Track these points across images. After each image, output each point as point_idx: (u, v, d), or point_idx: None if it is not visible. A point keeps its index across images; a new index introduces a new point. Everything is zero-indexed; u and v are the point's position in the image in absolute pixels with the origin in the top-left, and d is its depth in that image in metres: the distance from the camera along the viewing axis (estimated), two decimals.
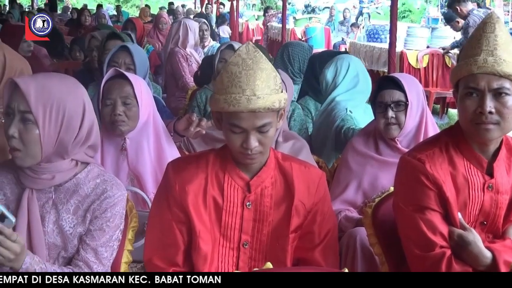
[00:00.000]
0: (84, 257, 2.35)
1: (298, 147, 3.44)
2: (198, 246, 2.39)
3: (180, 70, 6.94)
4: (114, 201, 2.37)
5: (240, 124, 2.24)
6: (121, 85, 3.11)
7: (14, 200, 2.36)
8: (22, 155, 2.24)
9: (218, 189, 2.40)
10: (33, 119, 2.20)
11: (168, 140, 3.23)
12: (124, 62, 4.11)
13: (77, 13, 13.06)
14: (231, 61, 2.25)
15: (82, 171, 2.40)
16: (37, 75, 2.26)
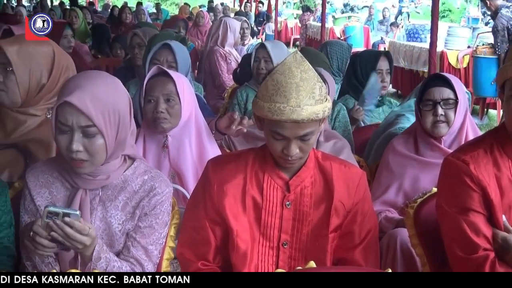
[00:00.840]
0: (135, 255, 2.38)
1: (339, 146, 3.43)
2: (236, 246, 2.39)
3: (217, 68, 6.96)
4: (162, 198, 2.40)
5: (282, 133, 2.24)
6: (164, 83, 3.13)
7: (61, 198, 2.39)
8: (89, 164, 2.27)
9: (257, 189, 2.41)
10: (97, 131, 2.22)
11: (209, 138, 3.25)
12: (166, 60, 4.13)
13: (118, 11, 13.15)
14: (277, 69, 2.24)
15: (129, 167, 2.43)
16: (81, 85, 2.23)
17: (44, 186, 2.41)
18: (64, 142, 2.24)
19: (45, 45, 3.10)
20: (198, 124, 3.22)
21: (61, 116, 2.22)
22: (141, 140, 3.20)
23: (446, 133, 3.27)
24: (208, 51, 7.26)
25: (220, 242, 2.45)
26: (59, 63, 3.05)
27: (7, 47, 2.88)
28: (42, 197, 2.40)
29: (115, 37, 7.91)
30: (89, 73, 2.39)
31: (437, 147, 3.30)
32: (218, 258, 2.47)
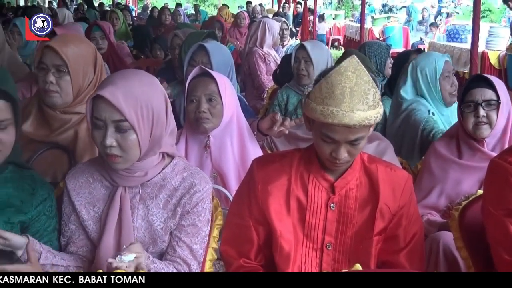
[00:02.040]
0: (181, 255, 2.39)
1: (383, 148, 3.40)
2: (280, 246, 2.39)
3: (256, 69, 6.96)
4: (203, 195, 2.41)
5: (333, 136, 2.23)
6: (206, 83, 3.14)
7: (101, 198, 2.41)
8: (122, 160, 2.28)
9: (302, 190, 2.40)
10: (129, 126, 2.23)
11: (251, 138, 3.25)
12: (202, 61, 4.13)
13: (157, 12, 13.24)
14: (332, 72, 2.21)
15: (168, 165, 2.44)
16: (115, 81, 2.26)
17: (83, 187, 2.43)
18: (98, 137, 2.26)
19: (88, 44, 3.16)
20: (240, 125, 3.23)
21: (96, 111, 2.25)
22: (183, 140, 3.22)
23: (489, 135, 3.23)
24: (247, 52, 7.27)
25: (263, 241, 2.45)
26: (99, 61, 3.10)
27: (61, 49, 2.92)
28: (82, 197, 2.43)
29: (155, 38, 7.96)
30: (126, 71, 2.42)
31: (480, 150, 3.26)
32: (260, 256, 2.48)
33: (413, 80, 4.18)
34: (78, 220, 2.41)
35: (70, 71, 2.94)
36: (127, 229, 2.35)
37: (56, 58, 2.93)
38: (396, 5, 31.12)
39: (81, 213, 2.40)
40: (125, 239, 2.35)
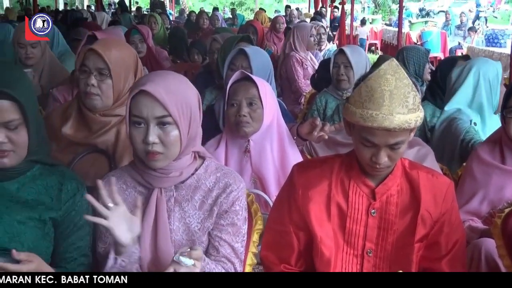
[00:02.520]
0: (225, 254, 2.39)
1: (423, 153, 3.37)
2: (320, 252, 2.38)
3: (293, 74, 6.93)
4: (238, 193, 2.41)
5: (373, 140, 2.22)
6: (247, 87, 3.15)
7: (135, 203, 2.39)
8: (163, 157, 2.28)
9: (342, 196, 2.39)
10: (172, 121, 2.24)
11: (291, 143, 3.25)
12: (242, 65, 4.13)
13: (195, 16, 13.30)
14: (372, 75, 2.22)
15: (200, 166, 2.44)
16: (153, 79, 2.27)
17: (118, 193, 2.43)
18: (139, 135, 2.26)
19: (130, 49, 3.18)
20: (280, 129, 3.23)
21: (135, 109, 2.25)
22: (223, 144, 3.23)
23: None
24: (285, 57, 7.26)
25: (303, 247, 2.45)
26: (140, 67, 3.13)
27: (105, 52, 2.94)
28: None
29: (192, 42, 7.98)
30: (158, 71, 2.44)
31: None
32: (300, 262, 2.48)
33: (474, 87, 4.13)
34: None
35: (112, 75, 2.96)
36: (163, 232, 2.35)
37: (99, 61, 2.95)
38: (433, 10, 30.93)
39: None
40: (163, 242, 2.35)
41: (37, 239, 2.32)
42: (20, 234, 2.29)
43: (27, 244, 2.29)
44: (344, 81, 4.75)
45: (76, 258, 2.40)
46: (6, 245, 2.26)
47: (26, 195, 2.33)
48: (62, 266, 2.38)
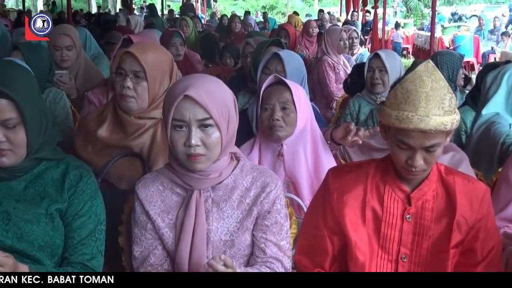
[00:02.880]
0: (271, 254, 2.40)
1: (458, 159, 3.34)
2: (354, 257, 2.37)
3: (325, 78, 6.92)
4: (277, 191, 2.42)
5: (408, 142, 2.21)
6: (280, 91, 3.15)
7: (174, 205, 2.43)
8: (205, 159, 2.30)
9: (377, 200, 2.38)
10: (213, 123, 2.26)
11: (325, 148, 3.24)
12: (276, 69, 4.13)
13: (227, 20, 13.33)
14: (408, 77, 2.21)
15: (236, 167, 2.45)
16: (193, 82, 2.29)
17: (155, 196, 2.44)
18: (181, 139, 2.28)
19: (166, 52, 3.20)
20: (313, 134, 3.22)
21: (177, 113, 2.26)
22: (257, 148, 3.24)
23: None
24: (317, 61, 7.25)
25: (337, 251, 2.44)
26: (175, 70, 3.15)
27: (140, 55, 2.97)
28: (155, 206, 2.43)
29: (224, 46, 7.99)
30: (196, 74, 2.46)
31: None
32: (334, 266, 2.47)
33: (509, 91, 4.10)
34: (154, 229, 2.42)
35: (148, 78, 2.99)
36: (201, 233, 2.37)
37: (135, 64, 2.98)
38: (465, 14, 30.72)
39: (156, 221, 2.41)
40: (199, 242, 2.37)
41: (47, 236, 2.33)
42: (30, 234, 2.31)
43: (37, 242, 2.31)
44: (378, 85, 4.74)
45: (78, 248, 2.39)
46: (17, 245, 2.29)
47: (33, 192, 2.35)
48: (66, 257, 2.39)
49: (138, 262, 2.44)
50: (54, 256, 2.37)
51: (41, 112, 2.33)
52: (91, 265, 2.39)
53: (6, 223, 2.29)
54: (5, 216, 2.30)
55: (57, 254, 2.38)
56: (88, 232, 2.41)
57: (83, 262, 2.38)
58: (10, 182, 2.34)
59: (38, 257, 2.32)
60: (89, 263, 2.39)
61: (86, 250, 2.40)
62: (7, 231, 2.29)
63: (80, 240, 2.39)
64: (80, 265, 2.38)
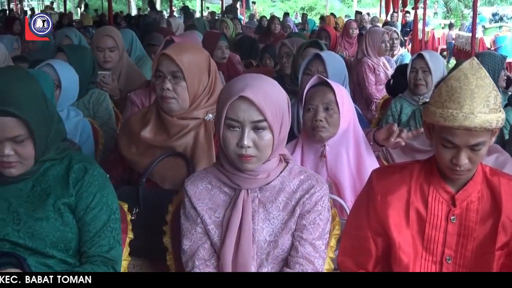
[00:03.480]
0: (304, 253, 2.38)
1: (502, 161, 3.32)
2: (398, 258, 2.36)
3: (364, 80, 6.90)
4: (321, 194, 2.42)
5: (453, 140, 2.19)
6: (324, 92, 3.15)
7: (221, 203, 2.45)
8: (256, 160, 2.32)
9: (422, 202, 2.36)
10: (267, 125, 2.28)
11: (367, 149, 3.23)
12: (317, 70, 4.12)
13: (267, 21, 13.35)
14: (452, 75, 2.20)
15: (284, 169, 2.46)
16: (251, 83, 2.29)
17: (203, 193, 2.47)
18: (233, 138, 2.30)
19: (202, 51, 3.23)
20: (356, 135, 3.21)
21: (232, 113, 2.28)
22: (299, 149, 3.24)
23: None
24: (357, 62, 7.23)
25: (381, 253, 2.43)
26: (213, 67, 3.16)
27: (177, 56, 2.99)
28: (203, 203, 2.46)
29: (264, 47, 8.00)
30: (252, 74, 2.45)
31: None
32: (378, 268, 2.46)
33: None
34: (203, 224, 2.45)
35: (186, 77, 3.01)
36: (247, 232, 2.38)
37: (172, 65, 3.01)
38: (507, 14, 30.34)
39: (204, 217, 2.44)
40: (244, 242, 2.38)
41: (57, 231, 2.35)
42: (40, 231, 2.32)
43: (49, 239, 2.33)
44: (422, 86, 4.72)
45: (95, 241, 2.41)
46: (29, 244, 2.31)
47: (39, 190, 2.37)
48: (84, 251, 2.40)
49: (187, 256, 2.45)
50: (68, 250, 2.38)
51: (46, 118, 2.34)
52: (110, 256, 2.41)
53: (17, 223, 2.32)
54: (15, 217, 2.33)
55: (71, 248, 2.39)
56: (103, 224, 2.41)
57: (102, 254, 2.39)
58: (18, 184, 2.37)
59: (52, 253, 2.34)
60: (108, 254, 2.40)
61: (103, 241, 2.41)
62: (18, 231, 2.32)
63: (96, 233, 2.40)
64: (99, 257, 2.39)
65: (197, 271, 2.40)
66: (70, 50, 4.47)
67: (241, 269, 2.37)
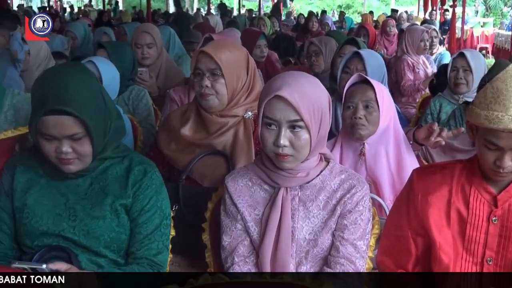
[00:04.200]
0: (345, 253, 2.38)
1: None
2: (439, 258, 2.34)
3: (402, 78, 6.85)
4: (362, 194, 2.42)
5: (497, 143, 2.16)
6: (364, 90, 3.14)
7: (261, 201, 2.46)
8: (293, 159, 2.33)
9: (463, 202, 2.34)
10: (303, 125, 2.28)
11: (408, 149, 3.21)
12: (356, 68, 4.11)
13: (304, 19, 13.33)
14: (498, 76, 2.17)
15: (325, 168, 2.46)
16: (289, 82, 2.29)
17: (243, 190, 2.48)
18: (270, 137, 2.31)
19: (241, 48, 3.24)
20: (396, 134, 3.19)
21: (269, 111, 2.29)
22: (339, 147, 3.23)
23: None
24: (396, 60, 7.18)
25: (421, 253, 2.41)
26: (252, 64, 3.16)
27: (215, 53, 3.01)
28: (243, 200, 2.47)
29: (302, 45, 7.99)
30: (293, 72, 2.45)
31: None
32: (418, 268, 2.44)
33: None
34: (243, 221, 2.46)
35: (224, 74, 3.01)
36: (286, 230, 2.39)
37: (210, 62, 3.02)
38: None
39: (243, 214, 2.45)
40: (283, 240, 2.39)
41: (113, 232, 2.38)
42: (96, 230, 2.36)
43: (103, 238, 2.37)
44: (462, 85, 4.69)
45: (144, 243, 2.43)
46: (83, 241, 2.35)
47: (97, 189, 2.40)
48: (132, 252, 2.43)
49: (226, 252, 2.47)
50: (120, 251, 2.42)
51: (104, 116, 2.37)
52: (157, 260, 2.43)
53: (73, 219, 2.37)
54: (72, 213, 2.37)
55: (122, 249, 2.43)
56: (154, 227, 2.44)
57: (150, 258, 2.42)
58: (76, 180, 2.41)
59: (104, 253, 2.38)
60: (155, 258, 2.43)
61: (152, 245, 2.43)
62: (74, 228, 2.36)
63: (146, 235, 2.43)
64: (146, 260, 2.42)
65: (236, 267, 2.42)
66: (110, 46, 4.51)
67: (280, 267, 2.38)
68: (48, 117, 2.22)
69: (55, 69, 2.37)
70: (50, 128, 2.23)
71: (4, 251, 2.44)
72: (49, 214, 2.37)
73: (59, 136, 2.25)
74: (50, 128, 2.23)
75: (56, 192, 2.41)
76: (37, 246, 2.37)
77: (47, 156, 2.31)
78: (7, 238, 2.45)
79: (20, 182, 2.43)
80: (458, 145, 3.46)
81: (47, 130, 2.24)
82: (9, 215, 2.44)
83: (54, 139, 2.26)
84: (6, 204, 2.44)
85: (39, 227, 2.37)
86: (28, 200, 2.40)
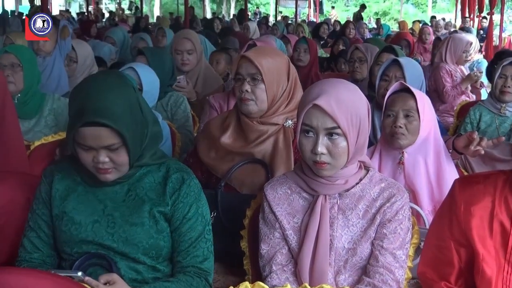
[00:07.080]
0: (384, 263, 2.37)
1: None
2: (482, 270, 2.30)
3: (441, 85, 6.79)
4: (402, 203, 2.40)
5: None
6: (405, 98, 3.12)
7: (300, 209, 2.45)
8: (331, 167, 2.32)
9: (506, 213, 2.30)
10: (341, 133, 2.27)
11: (447, 158, 3.18)
12: (395, 76, 4.09)
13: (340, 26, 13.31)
14: None
15: (365, 176, 2.45)
16: (327, 89, 2.29)
17: (282, 198, 2.47)
18: (308, 145, 2.30)
19: (281, 55, 3.24)
20: (436, 144, 3.16)
21: (307, 119, 2.29)
22: (377, 155, 3.22)
23: None
24: (434, 67, 7.12)
25: (464, 264, 2.37)
26: (293, 72, 3.17)
27: (255, 58, 3.03)
28: (282, 208, 2.46)
29: (339, 52, 7.99)
30: (332, 79, 2.43)
31: None
32: (460, 280, 2.39)
33: None
34: (281, 229, 2.46)
35: (264, 79, 3.03)
36: (324, 238, 2.37)
37: (251, 67, 3.04)
38: None
39: (282, 222, 2.44)
40: (322, 248, 2.37)
41: (151, 239, 2.38)
42: (134, 237, 2.36)
43: (142, 245, 2.37)
44: (509, 94, 4.59)
45: (190, 251, 2.43)
46: (122, 248, 2.36)
47: (135, 196, 2.41)
48: (179, 261, 2.43)
49: (264, 261, 2.47)
50: (158, 257, 2.42)
51: (140, 125, 2.37)
52: (204, 267, 2.44)
53: (111, 226, 2.38)
54: (110, 220, 2.39)
55: (161, 255, 2.43)
56: (198, 234, 2.44)
57: (196, 265, 2.43)
58: (114, 187, 2.42)
59: (143, 260, 2.39)
60: (201, 265, 2.43)
61: (197, 252, 2.44)
62: (112, 235, 2.37)
63: (191, 243, 2.43)
64: (193, 268, 2.42)
65: (274, 276, 2.41)
66: (150, 53, 4.55)
67: (318, 276, 2.36)
68: (85, 128, 2.23)
69: (93, 78, 2.38)
70: (87, 139, 2.25)
71: (43, 258, 2.47)
72: (88, 221, 2.39)
73: (96, 147, 2.27)
74: (87, 139, 2.25)
75: (94, 199, 2.43)
76: (76, 253, 2.39)
77: (85, 165, 2.33)
78: (45, 246, 2.47)
79: (59, 190, 2.45)
80: (498, 155, 3.43)
81: (84, 141, 2.26)
82: (47, 223, 2.46)
83: (91, 149, 2.28)
84: (44, 212, 2.47)
85: (78, 234, 2.38)
86: (67, 207, 2.42)
